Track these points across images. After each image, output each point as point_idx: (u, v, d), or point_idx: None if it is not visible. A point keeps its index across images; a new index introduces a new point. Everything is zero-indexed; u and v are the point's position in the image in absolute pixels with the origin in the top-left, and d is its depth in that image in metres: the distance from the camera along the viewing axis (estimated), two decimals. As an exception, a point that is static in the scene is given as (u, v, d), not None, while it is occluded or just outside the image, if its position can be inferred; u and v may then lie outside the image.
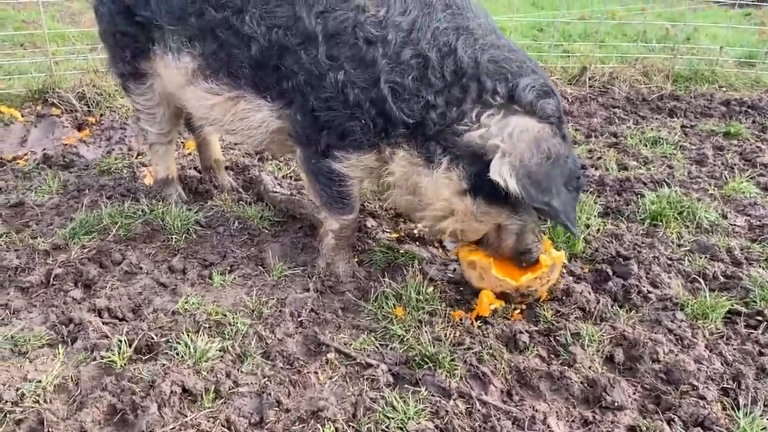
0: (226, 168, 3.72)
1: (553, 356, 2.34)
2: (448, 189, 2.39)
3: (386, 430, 1.94)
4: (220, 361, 2.19)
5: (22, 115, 4.38)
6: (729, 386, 2.18)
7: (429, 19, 2.34)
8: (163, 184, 3.38)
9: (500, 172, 2.22)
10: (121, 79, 3.07)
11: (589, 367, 2.25)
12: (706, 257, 2.97)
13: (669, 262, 2.93)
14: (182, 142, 4.15)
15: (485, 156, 2.28)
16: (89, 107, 4.55)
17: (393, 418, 1.98)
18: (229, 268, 2.78)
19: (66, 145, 4.08)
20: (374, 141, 2.43)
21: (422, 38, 2.32)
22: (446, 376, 2.16)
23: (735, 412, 2.08)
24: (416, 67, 2.31)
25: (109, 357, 2.18)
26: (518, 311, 2.58)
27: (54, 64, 4.78)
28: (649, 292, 2.68)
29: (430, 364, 2.21)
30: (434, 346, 2.27)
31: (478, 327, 2.43)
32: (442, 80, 2.32)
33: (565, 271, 2.84)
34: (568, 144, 2.39)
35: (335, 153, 2.49)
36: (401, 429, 1.95)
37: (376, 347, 2.33)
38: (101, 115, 4.54)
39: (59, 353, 2.20)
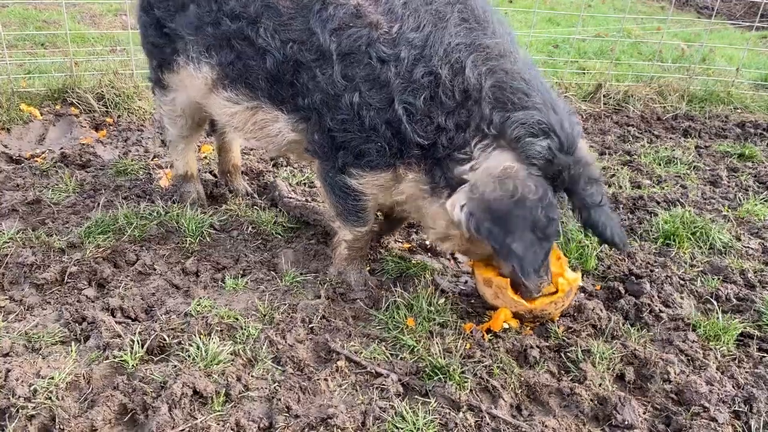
0: (242, 173, 3.74)
1: (563, 372, 2.33)
2: (444, 220, 2.35)
3: (395, 440, 1.94)
4: (231, 364, 2.20)
5: (41, 114, 4.42)
6: (741, 409, 2.17)
7: (442, 33, 2.25)
8: (182, 181, 3.38)
9: (452, 201, 2.20)
10: (152, 84, 3.20)
11: (600, 385, 2.25)
12: (719, 279, 2.96)
13: (681, 282, 2.92)
14: (198, 146, 4.18)
15: None
16: (107, 108, 4.59)
17: (402, 428, 1.98)
18: (241, 272, 2.80)
19: (83, 144, 4.11)
20: (390, 162, 2.40)
21: (434, 54, 2.23)
22: (456, 388, 2.16)
23: (746, 435, 2.07)
24: (428, 86, 2.24)
25: (121, 356, 2.19)
26: (529, 327, 2.57)
27: (74, 65, 4.83)
28: (661, 311, 2.67)
29: (440, 376, 2.21)
30: (444, 358, 2.27)
31: (489, 340, 2.43)
32: (452, 100, 2.24)
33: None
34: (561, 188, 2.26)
35: (351, 171, 2.47)
36: (410, 439, 1.95)
37: (387, 357, 2.33)
38: (119, 116, 4.58)
39: (72, 351, 2.22)
